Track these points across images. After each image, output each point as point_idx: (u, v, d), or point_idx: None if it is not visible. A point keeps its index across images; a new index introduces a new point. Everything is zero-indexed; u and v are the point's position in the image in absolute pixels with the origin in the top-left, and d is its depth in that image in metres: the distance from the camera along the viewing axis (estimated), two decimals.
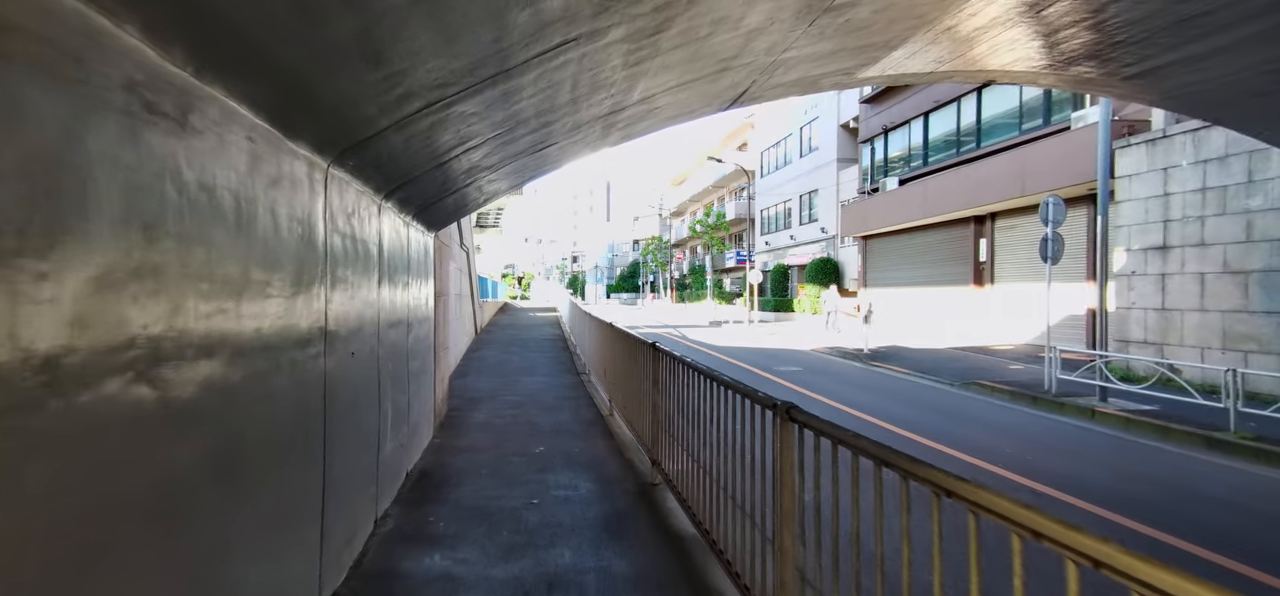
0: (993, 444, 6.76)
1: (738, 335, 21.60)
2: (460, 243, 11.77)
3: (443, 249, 6.81)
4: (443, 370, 6.87)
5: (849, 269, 25.40)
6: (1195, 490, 5.29)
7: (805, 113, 29.10)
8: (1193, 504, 4.92)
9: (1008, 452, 6.41)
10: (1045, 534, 1.13)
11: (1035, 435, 7.39)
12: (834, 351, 15.91)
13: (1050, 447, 6.76)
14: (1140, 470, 5.92)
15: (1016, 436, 7.26)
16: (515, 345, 14.90)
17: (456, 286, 10.86)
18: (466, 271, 13.54)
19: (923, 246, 19.13)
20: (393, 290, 4.19)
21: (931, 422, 7.89)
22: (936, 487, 1.47)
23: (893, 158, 20.78)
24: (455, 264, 10.68)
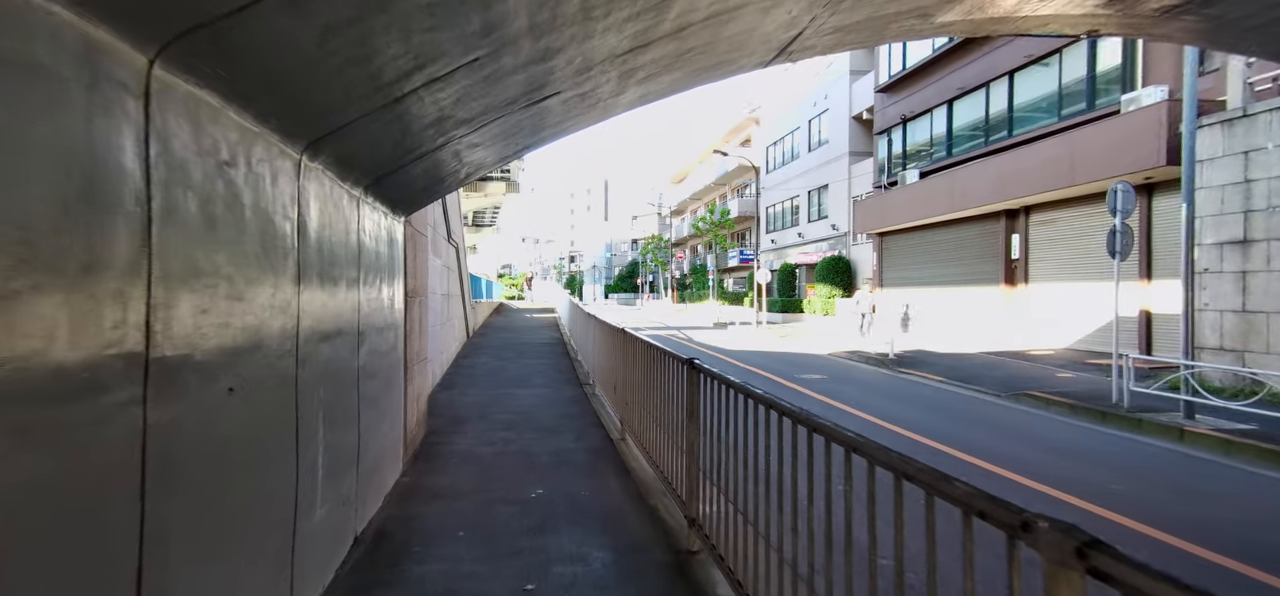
0: (1085, 476, 5.53)
1: (746, 338, 20.38)
2: (449, 237, 10.53)
3: (417, 239, 5.57)
4: (418, 386, 5.63)
5: (862, 267, 24.20)
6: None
7: (814, 104, 27.90)
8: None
9: (1115, 490, 5.18)
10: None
11: (1127, 462, 6.17)
12: (855, 356, 14.70)
13: (1156, 480, 5.54)
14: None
15: (1105, 465, 6.04)
16: (510, 350, 13.66)
17: (442, 285, 9.62)
18: (456, 269, 12.29)
19: (946, 243, 17.94)
20: (330, 290, 2.95)
21: (996, 445, 6.68)
22: None
23: (912, 149, 19.58)
24: (441, 260, 9.43)
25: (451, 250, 11.23)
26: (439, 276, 9.25)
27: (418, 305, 5.62)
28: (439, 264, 9.16)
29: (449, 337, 10.87)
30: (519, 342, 15.08)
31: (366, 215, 3.71)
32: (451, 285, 11.37)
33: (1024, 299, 15.20)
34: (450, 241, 10.89)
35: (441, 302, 9.51)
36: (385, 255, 4.24)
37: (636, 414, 5.27)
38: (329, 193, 2.98)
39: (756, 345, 18.12)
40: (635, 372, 5.26)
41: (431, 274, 7.99)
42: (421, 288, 5.86)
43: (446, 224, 10.21)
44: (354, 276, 3.44)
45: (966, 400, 9.69)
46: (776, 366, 13.22)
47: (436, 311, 8.84)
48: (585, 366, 10.27)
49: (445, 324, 10.15)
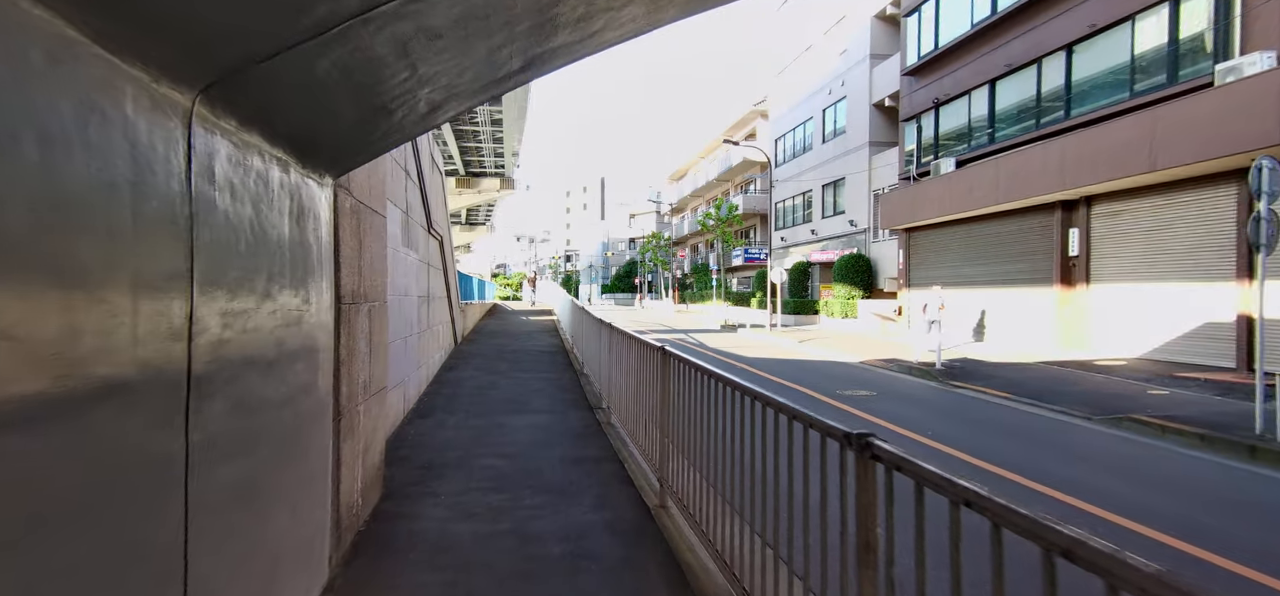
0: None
1: (762, 343, 18.63)
2: (429, 226, 8.73)
3: (364, 218, 3.76)
4: (368, 434, 3.84)
5: (885, 266, 22.50)
6: None
7: (829, 92, 26.18)
8: None
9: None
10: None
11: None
12: (894, 366, 12.97)
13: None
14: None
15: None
16: (504, 360, 11.86)
17: (419, 284, 7.82)
18: (440, 267, 10.48)
19: (987, 240, 16.23)
20: (93, 297, 1.17)
21: (1141, 497, 4.94)
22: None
23: (946, 135, 17.87)
24: (417, 254, 7.63)
25: (433, 243, 9.42)
26: (415, 274, 7.45)
27: (366, 316, 3.83)
28: (414, 259, 7.36)
29: (430, 348, 9.07)
30: (514, 350, 13.28)
31: (224, 156, 1.92)
32: (434, 285, 9.57)
33: (1083, 301, 13.50)
34: (432, 232, 9.09)
35: (417, 307, 7.71)
36: (285, 235, 2.45)
37: (690, 479, 3.50)
38: (209, 143, 1.22)
39: (776, 352, 16.37)
40: (692, 416, 3.48)
41: (399, 269, 6.18)
42: (374, 290, 4.06)
43: (426, 210, 8.41)
44: (180, 268, 1.66)
45: (1053, 424, 7.96)
46: (809, 378, 11.47)
47: (410, 319, 7.04)
48: (596, 383, 8.48)
49: (424, 333, 8.35)
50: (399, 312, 6.39)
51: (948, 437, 7.01)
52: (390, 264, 5.59)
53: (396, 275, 6.21)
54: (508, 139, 38.29)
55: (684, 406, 3.63)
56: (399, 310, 6.38)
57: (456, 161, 42.41)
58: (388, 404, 5.32)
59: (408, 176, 6.95)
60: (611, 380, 6.59)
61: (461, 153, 41.05)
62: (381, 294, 4.25)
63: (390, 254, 5.73)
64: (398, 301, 6.30)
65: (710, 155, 50.43)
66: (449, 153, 40.43)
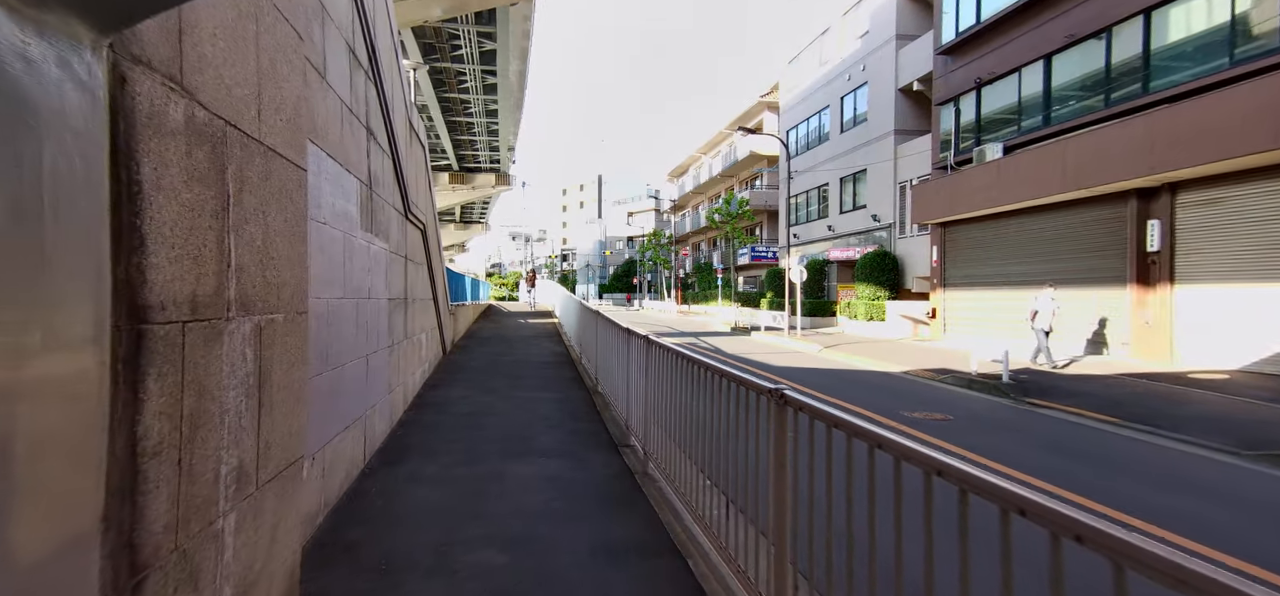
0: None
1: (783, 349, 16.86)
2: (407, 210, 6.91)
3: (241, 153, 1.95)
4: (248, 566, 2.05)
5: (913, 264, 20.79)
6: None
7: (847, 78, 24.43)
8: None
9: None
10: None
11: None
12: (947, 377, 11.22)
13: None
14: None
15: None
16: (501, 373, 10.05)
17: (390, 284, 6.00)
18: (424, 262, 8.66)
19: (1041, 234, 14.51)
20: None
21: None
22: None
23: (991, 119, 16.14)
24: (383, 243, 5.82)
25: (412, 233, 7.59)
26: (383, 271, 5.65)
27: (250, 342, 2.02)
28: (380, 250, 5.55)
29: (408, 363, 7.26)
30: (512, 359, 11.47)
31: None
32: (415, 284, 7.75)
33: (1166, 304, 11.78)
34: (411, 219, 7.27)
35: (388, 314, 5.89)
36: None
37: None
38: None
39: (802, 360, 14.61)
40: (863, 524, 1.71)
41: (358, 263, 4.38)
42: (273, 293, 2.25)
43: (401, 189, 6.59)
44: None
45: (1196, 462, 6.20)
46: (859, 395, 9.72)
47: (375, 330, 5.24)
48: (617, 406, 6.69)
49: (399, 346, 6.54)
50: (356, 323, 4.59)
51: (1082, 485, 5.24)
52: (325, 249, 3.79)
53: (352, 271, 4.42)
54: (503, 132, 36.44)
55: (833, 502, 1.84)
56: (356, 320, 4.58)
57: (449, 156, 40.53)
58: (332, 461, 3.54)
59: (371, 137, 5.14)
60: (648, 411, 4.80)
61: (455, 146, 39.16)
62: (294, 300, 2.45)
63: (334, 240, 3.93)
64: (354, 308, 4.50)
65: (713, 150, 48.67)
66: (442, 147, 38.56)
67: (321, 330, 3.68)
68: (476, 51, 24.62)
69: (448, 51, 24.66)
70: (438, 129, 34.31)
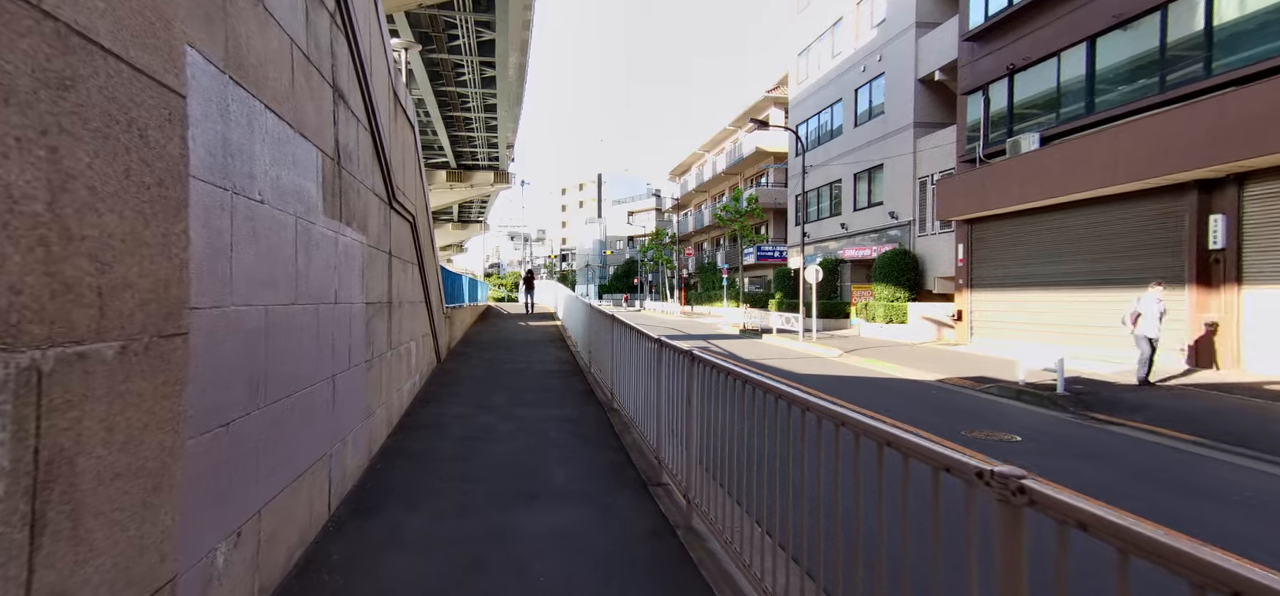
0: None
1: (800, 353, 15.80)
2: (391, 195, 5.84)
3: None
4: None
5: (933, 264, 19.75)
6: None
7: (862, 69, 23.38)
8: None
9: None
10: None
11: None
12: (990, 386, 10.18)
13: None
14: None
15: None
16: (502, 386, 8.99)
17: (368, 285, 4.90)
18: (414, 260, 7.59)
19: (1082, 230, 13.48)
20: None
21: None
22: None
23: (1026, 107, 15.10)
24: (358, 234, 4.74)
25: (400, 225, 6.51)
26: (360, 269, 4.57)
27: None
28: (354, 242, 4.47)
29: (393, 378, 6.20)
30: (514, 368, 10.40)
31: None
32: (402, 285, 6.68)
33: (1231, 306, 10.75)
34: (396, 208, 6.19)
35: (365, 322, 4.82)
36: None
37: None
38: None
39: (824, 366, 13.57)
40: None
41: (319, 259, 3.32)
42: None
43: (383, 168, 5.51)
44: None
45: None
46: (905, 410, 8.66)
47: (346, 345, 4.17)
48: (642, 429, 5.63)
49: (382, 359, 5.47)
50: (316, 336, 3.52)
51: (1218, 532, 4.16)
52: (261, 237, 2.72)
53: (309, 268, 3.36)
54: (502, 128, 35.33)
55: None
56: (316, 332, 3.51)
57: (447, 153, 39.40)
58: (276, 528, 2.48)
59: (340, 100, 4.07)
60: (696, 450, 3.73)
61: (452, 142, 38.02)
62: (154, 314, 1.38)
63: (276, 225, 2.85)
64: (312, 316, 3.44)
65: (716, 147, 47.62)
66: (439, 142, 37.43)
67: (254, 350, 2.62)
68: (474, 42, 23.56)
69: (444, 41, 23.59)
70: (434, 125, 33.21)
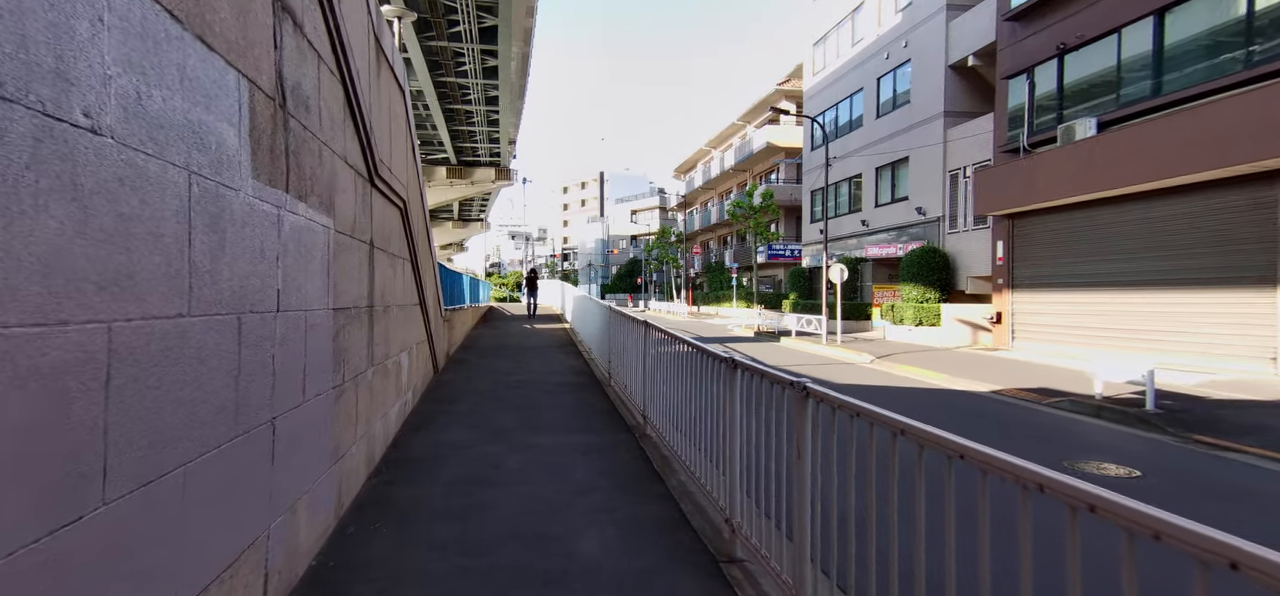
0: None
1: (828, 359, 14.53)
2: (371, 170, 4.58)
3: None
4: None
5: (966, 262, 18.49)
6: None
7: (886, 56, 22.12)
8: None
9: None
10: None
11: None
12: (1060, 400, 8.92)
13: None
14: None
15: None
16: (509, 403, 7.74)
17: (334, 288, 3.64)
18: (406, 255, 6.33)
19: (1149, 226, 12.23)
20: None
21: None
22: None
23: (1079, 89, 13.84)
24: (316, 215, 3.47)
25: (385, 209, 5.25)
26: (320, 267, 3.33)
27: None
28: (313, 226, 3.22)
29: (377, 403, 4.95)
30: (522, 381, 9.16)
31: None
32: (389, 283, 5.44)
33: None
34: (381, 187, 4.93)
35: (334, 332, 3.56)
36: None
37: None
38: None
39: (861, 374, 12.31)
40: None
41: (241, 251, 2.01)
42: None
43: (362, 140, 4.25)
44: None
45: None
46: (979, 432, 7.40)
47: (309, 365, 2.91)
48: (698, 471, 4.38)
49: (359, 380, 4.22)
50: (236, 365, 2.28)
51: None
52: (83, 196, 1.44)
53: (227, 261, 2.11)
54: (503, 123, 34.07)
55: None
56: (236, 358, 2.27)
57: (447, 148, 38.15)
58: None
59: (285, 15, 2.82)
60: (804, 536, 2.49)
61: (452, 137, 36.76)
62: None
63: (162, 185, 1.59)
64: (225, 336, 2.19)
65: (723, 143, 46.35)
66: (439, 137, 36.18)
67: (73, 405, 1.37)
68: (475, 28, 22.35)
69: (444, 27, 22.38)
70: (434, 118, 31.99)
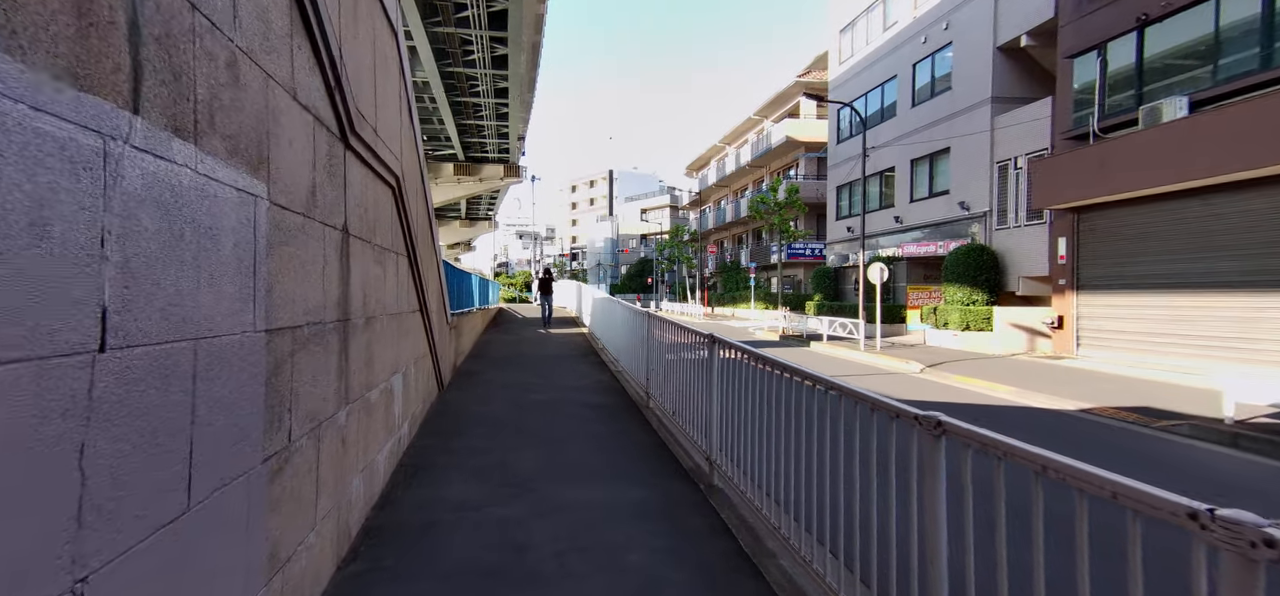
0: None
1: (868, 365, 13.05)
2: (345, 128, 3.20)
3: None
4: None
5: (1017, 262, 16.97)
6: None
7: (923, 41, 20.61)
8: None
9: None
10: None
11: None
12: (1178, 424, 7.42)
13: None
14: None
15: None
16: (529, 434, 6.35)
17: (236, 287, 2.25)
18: (404, 250, 4.95)
19: (1253, 219, 10.72)
20: None
21: None
22: None
23: (1161, 66, 12.33)
24: (241, 173, 2.03)
25: (375, 187, 3.88)
26: (246, 253, 1.96)
27: None
28: (211, 189, 1.81)
29: (362, 445, 3.57)
30: (543, 402, 7.77)
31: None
32: (377, 287, 4.06)
33: None
34: (354, 146, 3.56)
35: (268, 370, 2.19)
36: None
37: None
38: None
39: (917, 387, 10.86)
40: None
41: None
42: None
43: (329, 78, 2.88)
44: None
45: None
46: (1105, 462, 5.90)
47: (199, 437, 1.47)
48: (822, 573, 2.95)
49: (324, 432, 2.85)
50: None
51: None
52: None
53: None
54: (512, 118, 32.76)
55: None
56: None
57: (455, 144, 36.89)
58: None
59: None
60: None
61: (460, 132, 35.46)
62: None
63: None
64: None
65: (738, 140, 44.87)
66: (446, 133, 34.92)
67: None
68: (484, 13, 21.06)
69: (451, 11, 21.11)
70: (442, 112, 30.73)
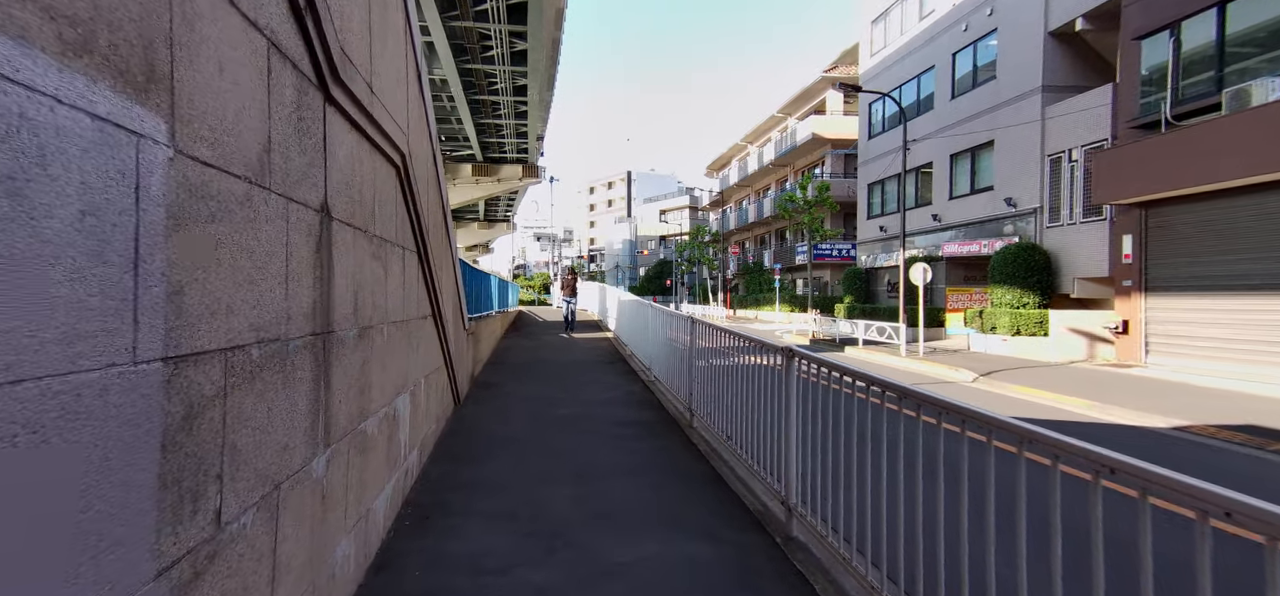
0: None
1: (916, 374, 12.03)
2: (320, 70, 2.38)
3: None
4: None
5: (1070, 261, 15.82)
6: None
7: (964, 29, 19.49)
8: None
9: None
10: None
11: None
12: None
13: None
14: None
15: None
16: (555, 458, 5.53)
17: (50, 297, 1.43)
18: (413, 245, 4.14)
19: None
20: None
21: None
22: None
23: (1245, 45, 11.20)
24: (154, 115, 1.18)
25: (374, 161, 3.08)
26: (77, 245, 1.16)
27: None
28: (77, 128, 0.99)
29: (342, 511, 2.73)
30: (568, 418, 6.95)
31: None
32: (377, 287, 3.25)
33: None
34: (335, 98, 2.77)
35: (163, 428, 1.39)
36: None
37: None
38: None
39: (974, 399, 9.87)
40: None
41: None
42: None
43: (302, 6, 2.06)
44: None
45: None
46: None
47: None
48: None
49: (282, 498, 2.04)
50: None
51: None
52: None
53: None
54: (532, 117, 32.11)
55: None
56: None
57: (473, 144, 36.38)
58: None
59: None
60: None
61: (479, 132, 34.92)
62: None
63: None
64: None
65: (761, 138, 43.80)
66: (464, 133, 34.39)
67: None
68: (504, 5, 20.40)
69: (469, 6, 20.47)
70: (460, 111, 30.21)
